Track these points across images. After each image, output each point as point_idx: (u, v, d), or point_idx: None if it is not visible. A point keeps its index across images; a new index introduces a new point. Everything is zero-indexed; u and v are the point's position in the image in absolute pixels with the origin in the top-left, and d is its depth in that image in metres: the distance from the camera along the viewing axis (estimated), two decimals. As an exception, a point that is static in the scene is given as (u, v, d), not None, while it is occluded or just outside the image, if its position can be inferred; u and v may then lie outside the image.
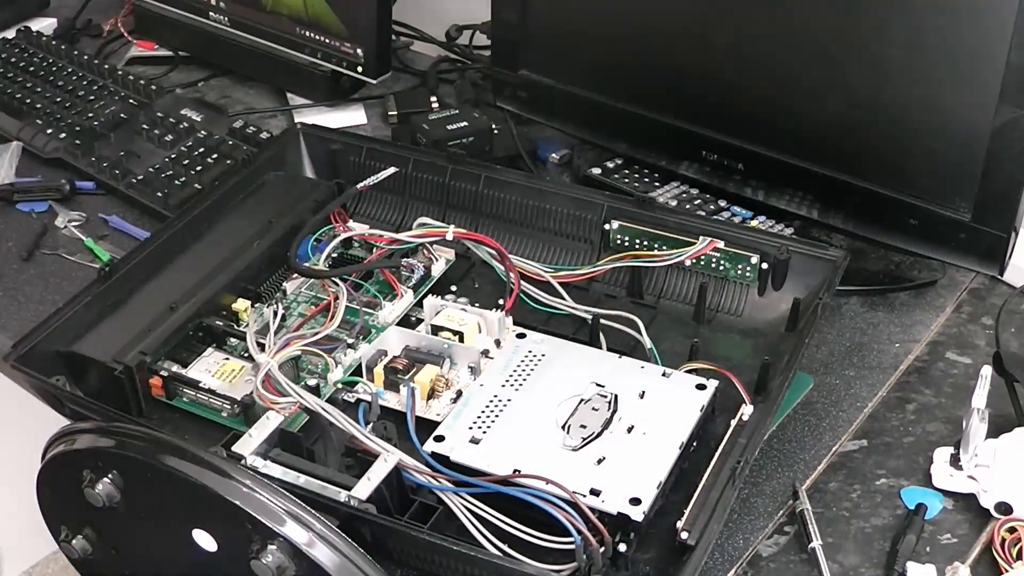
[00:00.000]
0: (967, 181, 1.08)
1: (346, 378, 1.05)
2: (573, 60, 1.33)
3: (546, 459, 0.92)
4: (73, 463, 0.89)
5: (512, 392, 1.00)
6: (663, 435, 0.94)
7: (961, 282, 1.20)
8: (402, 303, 1.13)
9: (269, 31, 1.53)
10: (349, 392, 1.04)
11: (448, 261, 1.20)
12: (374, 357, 1.04)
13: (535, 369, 1.02)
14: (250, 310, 1.11)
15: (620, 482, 0.90)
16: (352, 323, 1.09)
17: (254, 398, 1.00)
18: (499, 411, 0.98)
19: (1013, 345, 1.11)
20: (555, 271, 1.16)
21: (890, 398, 1.07)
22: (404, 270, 1.16)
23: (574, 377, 1.00)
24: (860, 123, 1.14)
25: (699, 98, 1.24)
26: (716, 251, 1.12)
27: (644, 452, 0.93)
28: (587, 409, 0.97)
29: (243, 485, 0.83)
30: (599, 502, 0.88)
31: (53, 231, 1.32)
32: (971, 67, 1.04)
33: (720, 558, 0.93)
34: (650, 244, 1.15)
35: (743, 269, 1.12)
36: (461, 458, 0.93)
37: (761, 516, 0.96)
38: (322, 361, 1.05)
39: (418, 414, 1.00)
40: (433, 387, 1.02)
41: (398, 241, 1.18)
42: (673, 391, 0.99)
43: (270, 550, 0.82)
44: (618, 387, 0.99)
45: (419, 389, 1.01)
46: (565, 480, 0.89)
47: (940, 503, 0.97)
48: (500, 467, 0.92)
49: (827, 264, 1.09)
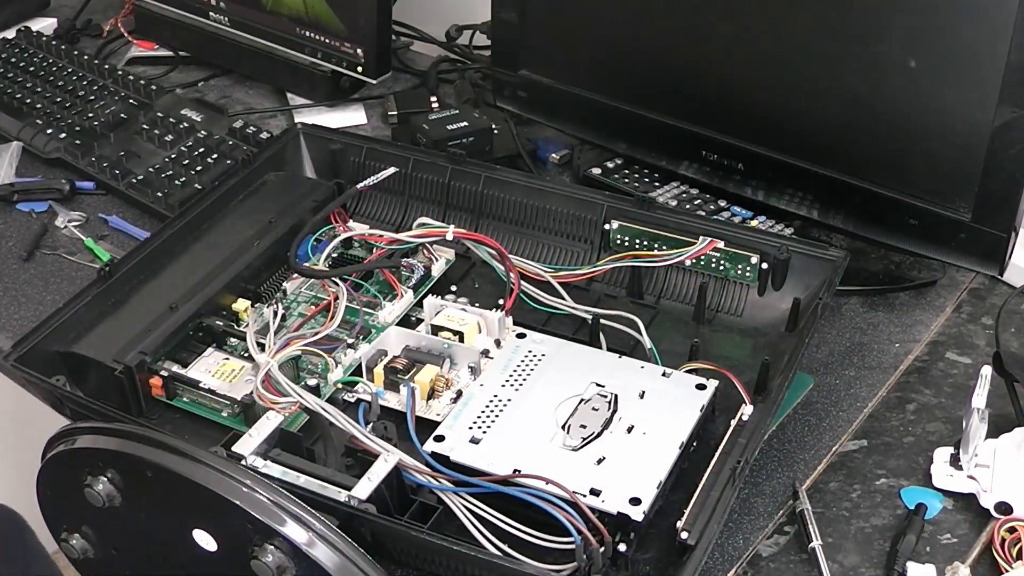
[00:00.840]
0: (967, 181, 1.08)
1: (346, 378, 1.05)
2: (573, 60, 1.33)
3: (546, 459, 0.92)
4: (72, 463, 0.89)
5: (512, 392, 1.00)
6: (663, 435, 0.95)
7: (961, 282, 1.20)
8: (402, 303, 1.13)
9: (269, 31, 1.53)
10: (349, 392, 1.04)
11: (448, 261, 1.20)
12: (374, 357, 1.05)
13: (535, 369, 1.02)
14: (250, 310, 1.11)
15: (620, 482, 0.90)
16: (352, 323, 1.09)
17: (254, 398, 1.00)
18: (499, 411, 0.98)
19: (1013, 345, 1.11)
20: (555, 271, 1.16)
21: (890, 398, 1.07)
22: (404, 270, 1.16)
23: (574, 377, 1.00)
24: (860, 123, 1.14)
25: (699, 98, 1.24)
26: (716, 251, 1.12)
27: (644, 452, 0.93)
28: (587, 409, 0.97)
29: (242, 485, 0.83)
30: (599, 502, 0.88)
31: (53, 231, 1.32)
32: (971, 67, 1.05)
33: (720, 558, 0.93)
34: (650, 244, 1.15)
35: (743, 269, 1.12)
36: (461, 458, 0.93)
37: (761, 516, 0.96)
38: (322, 361, 1.05)
39: (418, 414, 1.00)
40: (433, 387, 1.02)
41: (398, 241, 1.18)
42: (673, 391, 0.99)
43: (269, 550, 0.82)
44: (618, 387, 0.99)
45: (419, 389, 1.01)
46: (565, 480, 0.89)
47: (940, 503, 0.97)
48: (500, 467, 0.92)
49: (827, 264, 1.09)
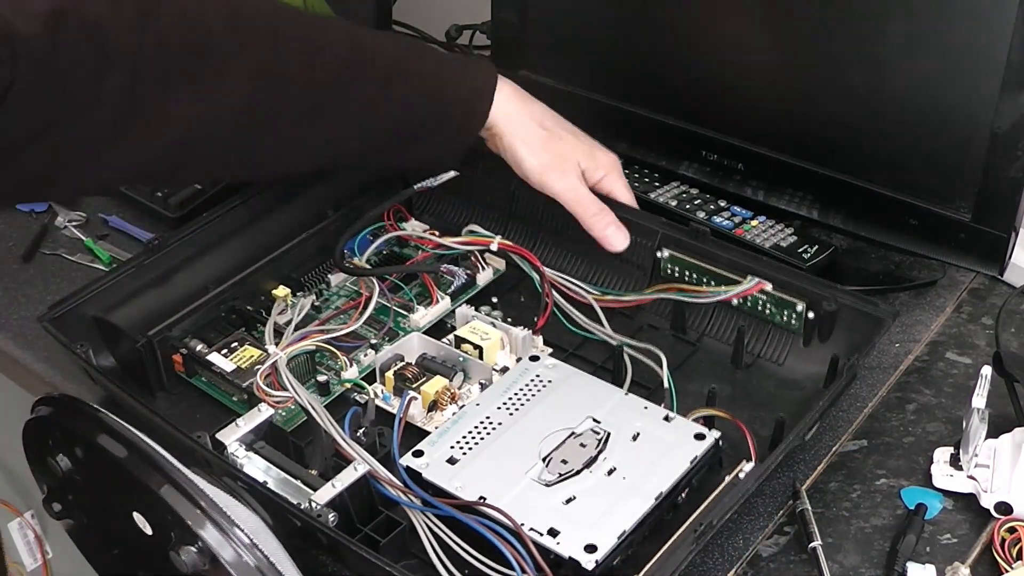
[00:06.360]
0: (967, 181, 1.08)
1: (356, 379, 1.04)
2: (573, 60, 1.33)
3: (516, 491, 0.89)
4: (39, 431, 0.90)
5: (505, 415, 0.96)
6: (644, 482, 0.90)
7: (961, 282, 1.20)
8: (436, 309, 1.11)
9: (269, 31, 1.53)
10: (360, 394, 1.03)
11: (497, 271, 1.18)
12: (389, 361, 1.03)
13: (536, 395, 0.98)
14: (290, 298, 1.11)
15: (582, 525, 0.86)
16: (382, 323, 1.09)
17: (253, 385, 1.00)
18: (486, 434, 0.95)
19: (1013, 345, 1.11)
20: (599, 294, 1.13)
21: (890, 398, 1.07)
22: (445, 275, 1.14)
23: (572, 409, 0.96)
24: (860, 123, 1.14)
25: (699, 98, 1.24)
26: (763, 293, 1.06)
27: (618, 497, 0.89)
28: (575, 444, 0.93)
29: (167, 479, 0.81)
30: (554, 543, 0.85)
31: (53, 231, 1.32)
32: (971, 67, 1.04)
33: (720, 558, 0.93)
34: (699, 278, 1.10)
35: (788, 316, 1.06)
36: (433, 476, 0.91)
37: (761, 516, 0.96)
38: (337, 359, 1.04)
39: (419, 425, 0.99)
40: (437, 399, 1.00)
41: (443, 246, 1.17)
42: (669, 437, 0.94)
43: (187, 548, 0.80)
44: (613, 425, 0.95)
45: (420, 399, 1.00)
46: (528, 515, 0.86)
47: (940, 503, 0.97)
48: (469, 492, 0.89)
49: (874, 321, 1.02)
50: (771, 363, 1.08)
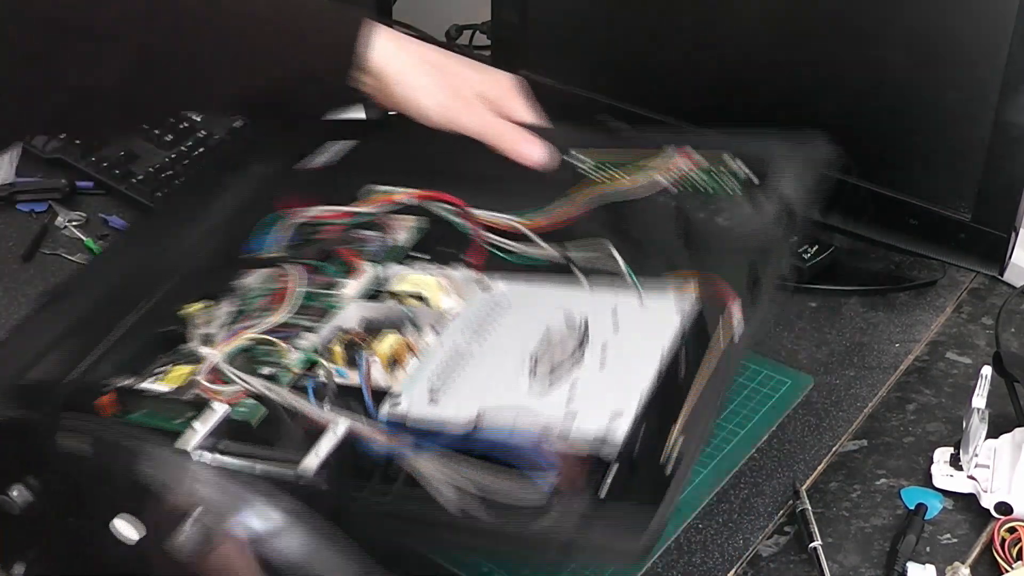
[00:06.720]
0: (967, 181, 1.08)
1: (301, 362, 0.95)
2: (573, 60, 1.33)
3: (513, 396, 0.85)
4: None
5: (474, 343, 0.92)
6: (642, 348, 0.86)
7: (961, 282, 1.20)
8: (365, 278, 1.04)
9: (269, 31, 1.53)
10: (311, 377, 0.94)
11: (419, 229, 1.10)
12: (332, 335, 0.97)
13: (500, 315, 0.94)
14: (210, 308, 1.03)
15: (596, 402, 0.82)
16: (313, 307, 1.01)
17: (198, 392, 0.91)
18: (460, 363, 0.90)
19: (1013, 345, 1.11)
20: (525, 219, 1.04)
21: (890, 398, 1.07)
22: (362, 243, 1.07)
23: (542, 312, 0.93)
24: (860, 123, 1.14)
25: (699, 98, 1.24)
26: (692, 164, 0.99)
27: (623, 369, 0.85)
28: (556, 336, 0.89)
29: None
30: (576, 423, 0.80)
31: (53, 231, 1.32)
32: (971, 67, 1.05)
33: (720, 558, 0.93)
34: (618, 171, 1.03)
35: (724, 180, 0.99)
36: (420, 416, 0.85)
37: (761, 516, 0.96)
38: (276, 349, 0.97)
39: (383, 386, 0.91)
40: (395, 355, 0.94)
41: (351, 215, 1.09)
42: (649, 304, 0.91)
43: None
44: (589, 312, 0.91)
45: (379, 360, 0.93)
46: (534, 416, 0.81)
47: (940, 503, 0.97)
48: (463, 418, 0.83)
49: (811, 156, 0.99)
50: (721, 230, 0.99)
